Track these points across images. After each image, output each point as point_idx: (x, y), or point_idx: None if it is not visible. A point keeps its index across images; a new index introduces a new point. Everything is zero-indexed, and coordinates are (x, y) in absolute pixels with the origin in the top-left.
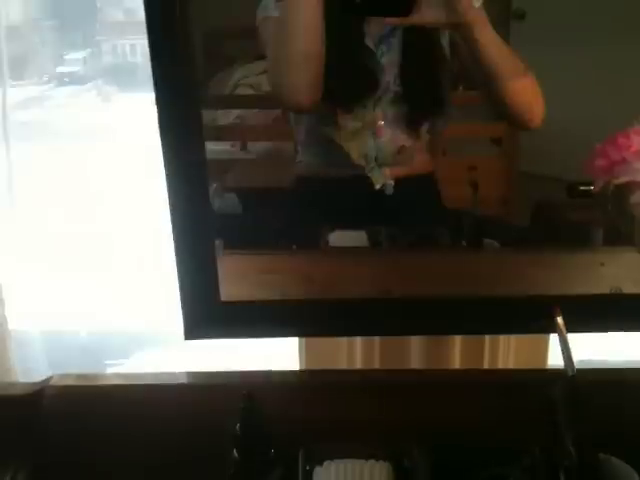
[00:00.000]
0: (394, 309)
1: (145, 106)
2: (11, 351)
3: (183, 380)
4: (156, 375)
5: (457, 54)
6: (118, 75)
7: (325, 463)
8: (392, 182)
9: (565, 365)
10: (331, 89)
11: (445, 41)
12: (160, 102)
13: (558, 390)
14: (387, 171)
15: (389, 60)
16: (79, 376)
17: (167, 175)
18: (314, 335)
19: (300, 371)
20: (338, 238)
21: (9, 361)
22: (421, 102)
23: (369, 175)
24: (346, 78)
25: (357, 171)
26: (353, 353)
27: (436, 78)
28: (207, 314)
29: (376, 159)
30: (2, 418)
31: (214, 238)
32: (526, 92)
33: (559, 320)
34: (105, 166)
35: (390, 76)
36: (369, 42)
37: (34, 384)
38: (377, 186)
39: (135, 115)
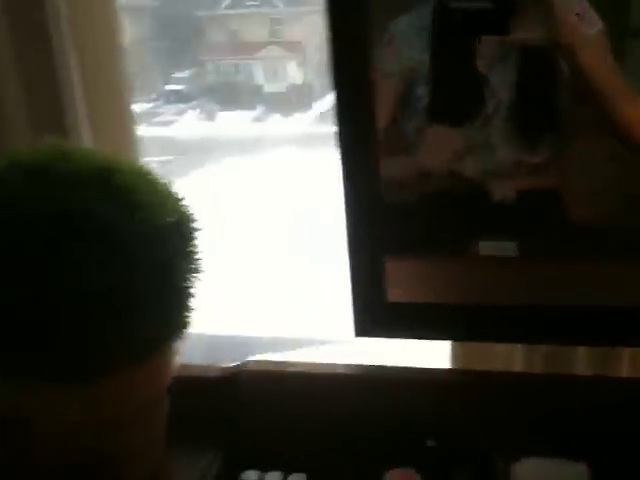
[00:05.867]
0: (559, 317)
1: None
2: None
3: (364, 371)
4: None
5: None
6: (221, 93)
7: (522, 459)
8: (513, 193)
9: None
10: (438, 110)
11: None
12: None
13: None
14: (507, 183)
15: (501, 80)
16: (275, 363)
17: (344, 181)
18: (481, 340)
19: (456, 369)
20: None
21: None
22: (536, 121)
23: (488, 188)
24: (453, 100)
25: (475, 185)
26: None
27: (553, 96)
28: (376, 313)
29: (493, 173)
30: (200, 399)
31: (385, 242)
32: (634, 115)
33: None
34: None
35: (503, 95)
36: (480, 65)
37: (231, 367)
38: (496, 198)
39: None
